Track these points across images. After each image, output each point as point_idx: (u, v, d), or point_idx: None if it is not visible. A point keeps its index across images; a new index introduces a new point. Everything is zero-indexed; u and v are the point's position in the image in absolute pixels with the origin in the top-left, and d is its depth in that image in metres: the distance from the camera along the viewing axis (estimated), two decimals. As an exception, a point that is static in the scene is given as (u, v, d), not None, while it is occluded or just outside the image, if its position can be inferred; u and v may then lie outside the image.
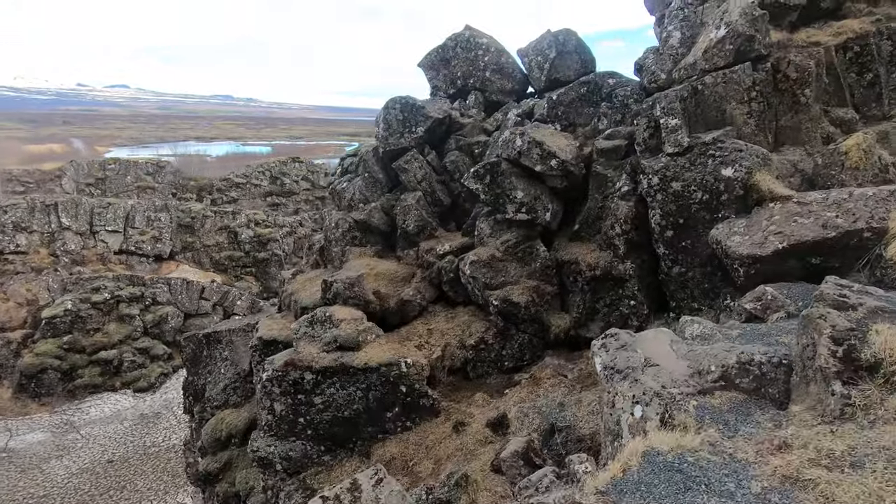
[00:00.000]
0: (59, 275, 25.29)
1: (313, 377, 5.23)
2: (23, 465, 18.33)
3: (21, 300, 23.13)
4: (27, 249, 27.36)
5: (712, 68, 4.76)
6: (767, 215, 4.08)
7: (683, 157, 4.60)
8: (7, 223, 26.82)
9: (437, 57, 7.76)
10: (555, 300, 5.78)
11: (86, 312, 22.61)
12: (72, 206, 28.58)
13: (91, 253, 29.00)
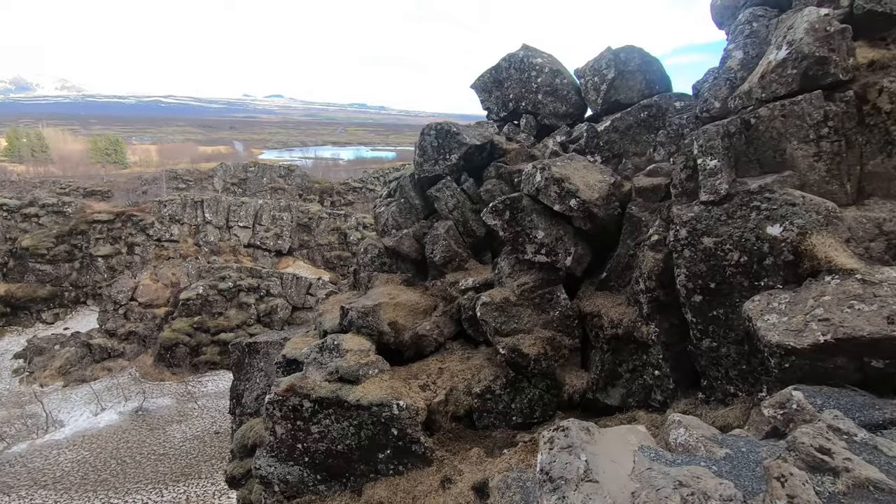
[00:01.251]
0: (198, 262, 29.32)
1: (311, 406, 5.24)
2: (151, 425, 21.48)
3: (167, 282, 27.25)
4: (178, 238, 32.14)
5: (770, 98, 3.81)
6: (816, 293, 3.13)
7: (720, 207, 3.75)
8: (165, 216, 31.77)
9: (489, 78, 7.41)
10: (573, 355, 5.12)
11: (213, 297, 25.89)
12: (214, 203, 32.93)
13: (226, 245, 33.18)
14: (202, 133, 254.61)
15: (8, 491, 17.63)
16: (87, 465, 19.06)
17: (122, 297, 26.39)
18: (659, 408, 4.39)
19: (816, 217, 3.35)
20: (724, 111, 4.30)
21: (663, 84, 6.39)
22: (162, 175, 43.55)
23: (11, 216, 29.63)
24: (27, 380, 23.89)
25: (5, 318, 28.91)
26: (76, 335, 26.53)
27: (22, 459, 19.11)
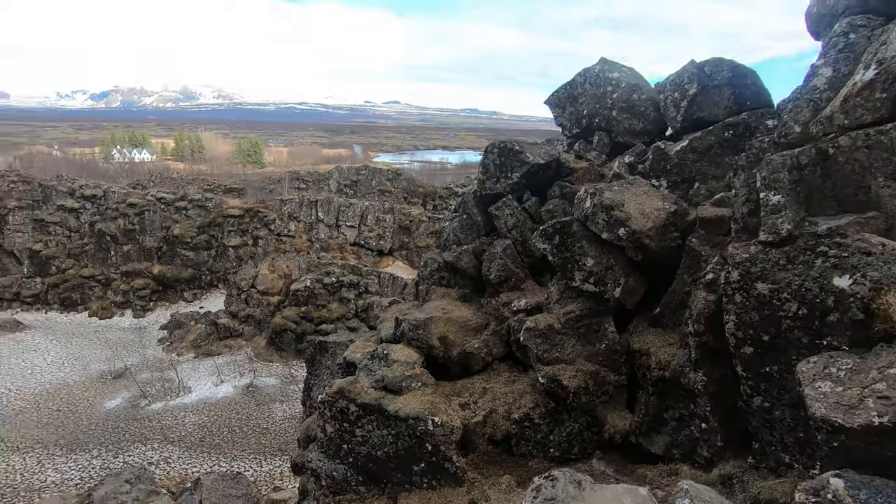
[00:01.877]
0: (309, 257, 32.10)
1: (357, 410, 5.53)
2: (258, 401, 23.95)
3: (282, 273, 30.22)
4: (294, 234, 35.46)
5: (853, 125, 3.25)
6: (884, 363, 2.63)
7: (780, 249, 3.29)
8: (285, 213, 35.23)
9: (564, 94, 7.17)
10: (619, 393, 4.79)
11: (318, 290, 28.16)
12: (326, 204, 35.80)
13: (334, 242, 35.89)
14: (327, 137, 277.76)
15: (145, 441, 20.74)
16: (205, 429, 21.77)
17: (245, 284, 29.81)
18: (704, 464, 3.96)
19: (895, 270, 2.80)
20: (805, 137, 3.75)
21: (759, 99, 5.70)
22: (286, 176, 48.29)
23: (167, 208, 34.93)
24: (168, 349, 28.00)
25: (157, 294, 34.16)
26: (207, 314, 30.49)
27: (157, 416, 22.40)
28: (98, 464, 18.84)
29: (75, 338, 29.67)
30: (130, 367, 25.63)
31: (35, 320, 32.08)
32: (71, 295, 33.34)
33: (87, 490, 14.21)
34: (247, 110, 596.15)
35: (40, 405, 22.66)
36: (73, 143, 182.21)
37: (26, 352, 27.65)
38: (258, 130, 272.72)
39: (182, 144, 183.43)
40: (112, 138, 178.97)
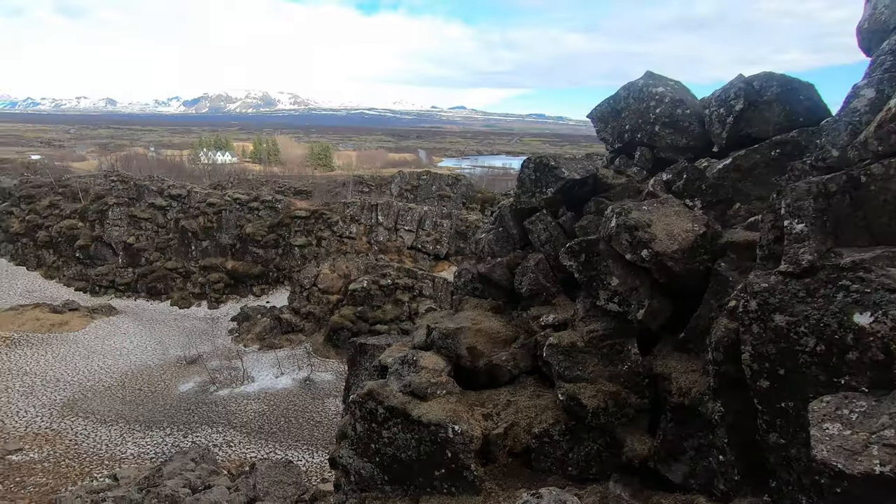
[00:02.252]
0: (367, 259, 33.23)
1: (384, 412, 5.79)
2: (314, 395, 25.09)
3: (341, 273, 31.50)
4: (355, 236, 36.84)
5: (888, 152, 3.06)
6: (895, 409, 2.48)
7: (800, 280, 3.15)
8: (347, 216, 36.70)
9: (607, 108, 7.09)
10: (640, 417, 4.69)
11: (374, 292, 29.07)
12: (386, 208, 36.91)
13: (392, 245, 36.90)
14: (393, 141, 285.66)
15: (211, 424, 22.33)
16: (265, 417, 23.10)
17: (307, 282, 31.37)
18: (721, 498, 3.83)
19: (923, 311, 2.63)
20: (843, 163, 3.56)
21: (813, 116, 5.38)
22: (350, 180, 50.22)
23: (241, 208, 37.50)
24: (236, 339, 30.00)
25: (230, 287, 36.71)
26: (272, 309, 32.37)
27: (223, 402, 24.05)
28: (170, 441, 20.53)
29: (157, 324, 32.51)
30: (202, 355, 27.71)
31: (126, 306, 35.48)
32: (156, 285, 36.61)
33: (158, 464, 15.59)
34: (320, 115, 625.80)
35: (125, 384, 25.06)
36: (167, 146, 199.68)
37: (117, 334, 30.67)
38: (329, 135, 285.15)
39: (260, 148, 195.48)
40: (200, 142, 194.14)
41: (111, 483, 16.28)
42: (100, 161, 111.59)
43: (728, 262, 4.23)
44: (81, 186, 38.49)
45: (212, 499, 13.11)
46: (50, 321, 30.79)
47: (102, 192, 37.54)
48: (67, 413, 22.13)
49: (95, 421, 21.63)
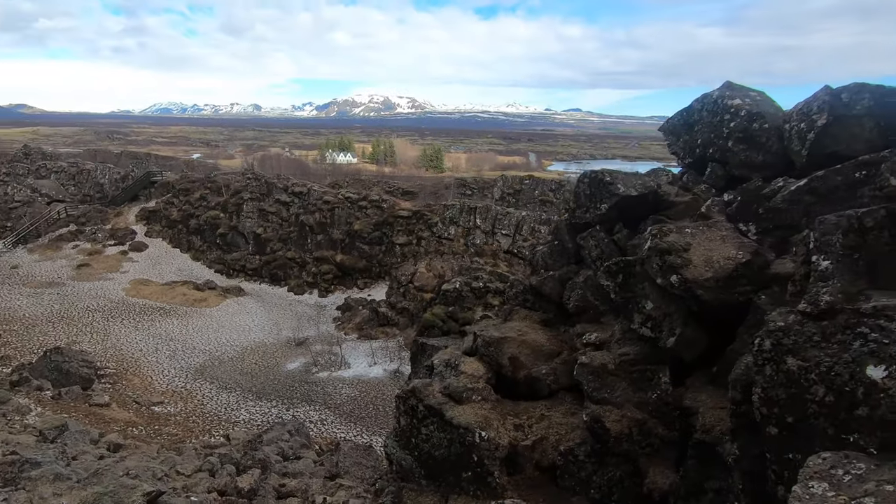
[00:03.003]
0: (463, 260, 33.93)
1: (423, 410, 6.14)
2: (401, 386, 26.36)
3: (436, 273, 32.57)
4: (453, 238, 37.79)
5: None
6: (886, 476, 2.23)
7: (816, 322, 2.88)
8: (447, 217, 37.79)
9: (679, 121, 6.68)
10: (666, 449, 4.47)
11: (466, 293, 29.63)
12: (484, 211, 37.33)
13: (489, 248, 37.22)
14: (503, 144, 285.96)
15: (309, 402, 24.51)
16: (356, 402, 24.81)
17: (404, 279, 32.93)
18: (734, 548, 3.57)
19: (943, 371, 2.31)
20: (900, 192, 3.15)
21: (919, 131, 4.67)
22: (452, 182, 51.50)
23: (352, 206, 40.45)
24: (338, 327, 32.50)
25: (338, 279, 39.80)
26: (372, 302, 34.50)
27: (322, 383, 26.27)
28: (274, 412, 22.96)
29: (275, 307, 36.37)
30: (308, 338, 30.48)
31: (252, 289, 40.16)
32: (277, 272, 40.96)
33: (260, 431, 17.61)
34: (435, 118, 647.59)
35: (244, 357, 28.47)
36: (299, 147, 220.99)
37: (242, 313, 34.89)
38: (442, 137, 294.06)
39: (378, 150, 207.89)
40: (326, 143, 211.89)
41: (223, 441, 18.63)
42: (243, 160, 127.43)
43: (769, 295, 3.89)
44: (224, 183, 44.46)
45: (298, 468, 14.55)
46: (193, 297, 36.00)
47: (240, 188, 42.97)
48: (198, 377, 25.78)
49: (218, 386, 24.92)
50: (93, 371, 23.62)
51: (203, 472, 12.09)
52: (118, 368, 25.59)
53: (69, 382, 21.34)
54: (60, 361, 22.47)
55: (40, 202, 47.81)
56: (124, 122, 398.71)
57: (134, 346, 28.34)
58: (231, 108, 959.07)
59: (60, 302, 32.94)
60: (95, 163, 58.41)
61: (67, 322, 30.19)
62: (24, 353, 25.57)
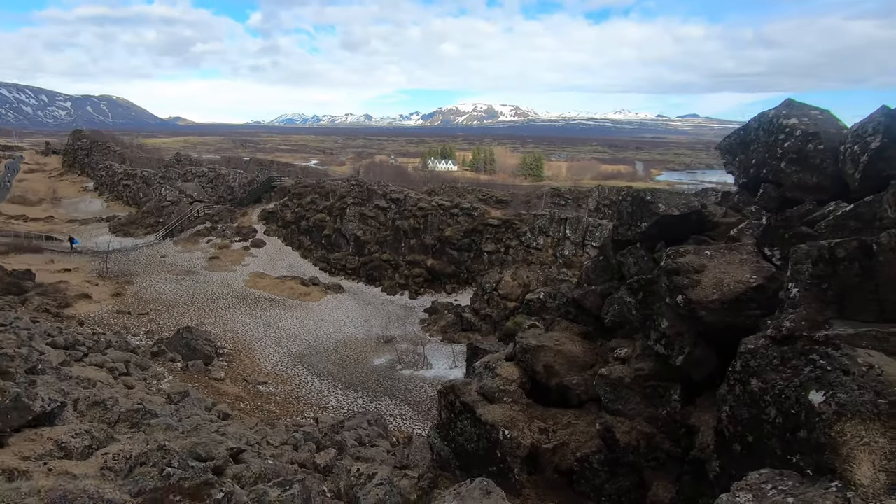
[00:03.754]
0: (550, 271, 33.61)
1: (460, 406, 6.70)
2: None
3: (521, 282, 32.67)
4: (542, 248, 37.55)
5: None
6: (799, 492, 2.39)
7: (779, 347, 2.99)
8: (536, 227, 37.68)
9: (736, 139, 6.50)
10: (672, 464, 4.55)
11: (549, 304, 29.37)
12: (575, 222, 36.63)
13: (577, 260, 36.40)
14: (609, 152, 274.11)
15: (391, 397, 25.99)
16: (434, 401, 25.81)
17: (489, 287, 33.45)
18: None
19: (869, 399, 2.42)
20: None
21: None
22: (545, 192, 50.97)
23: (444, 213, 41.92)
24: (424, 329, 33.91)
25: (427, 283, 41.44)
26: (457, 306, 35.48)
27: (404, 381, 27.68)
28: (359, 403, 24.72)
29: (369, 306, 38.87)
30: (395, 337, 32.21)
31: (350, 287, 43.27)
32: (373, 272, 43.71)
33: (343, 418, 19.22)
34: (538, 126, 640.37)
35: (338, 349, 30.90)
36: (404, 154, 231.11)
37: (339, 309, 37.80)
38: (544, 145, 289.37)
39: (478, 157, 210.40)
40: (429, 151, 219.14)
41: (311, 423, 20.56)
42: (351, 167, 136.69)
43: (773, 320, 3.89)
44: (331, 188, 48.50)
45: (371, 454, 15.73)
46: (299, 291, 39.77)
47: (344, 193, 46.61)
48: (297, 363, 28.53)
49: (313, 373, 27.39)
50: (213, 349, 27.27)
51: (288, 445, 13.69)
52: (233, 349, 29.20)
53: (195, 357, 24.91)
54: (190, 339, 26.29)
55: (185, 202, 55.87)
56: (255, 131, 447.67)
57: (247, 330, 32.10)
58: (345, 118, 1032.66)
59: (194, 288, 38.27)
60: (228, 168, 66.77)
61: (198, 306, 35.02)
62: (164, 329, 30.21)
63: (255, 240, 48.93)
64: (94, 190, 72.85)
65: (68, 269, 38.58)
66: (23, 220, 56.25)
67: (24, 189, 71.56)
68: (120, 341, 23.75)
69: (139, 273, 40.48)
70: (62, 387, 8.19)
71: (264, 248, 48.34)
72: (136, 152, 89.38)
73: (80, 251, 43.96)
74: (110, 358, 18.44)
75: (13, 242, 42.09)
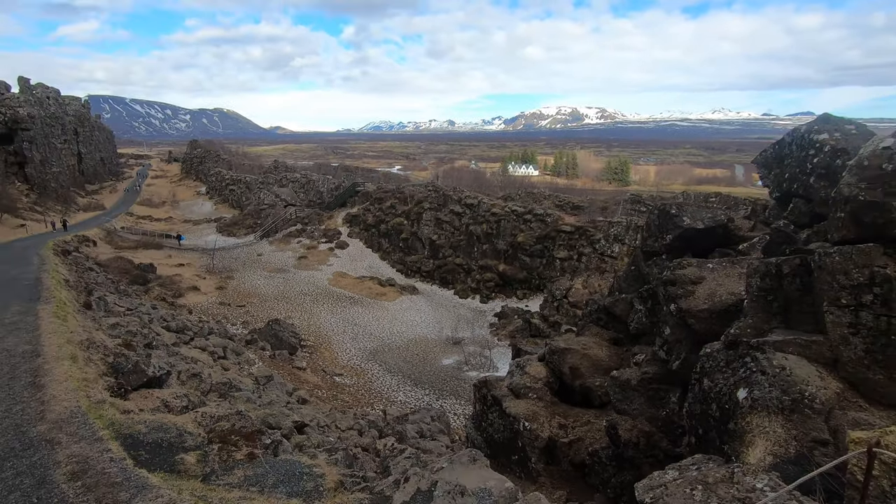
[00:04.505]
0: (623, 280, 32.74)
1: (491, 399, 7.34)
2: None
3: (592, 290, 32.11)
4: (617, 256, 36.55)
5: (836, 239, 2.95)
6: (706, 469, 2.83)
7: (727, 351, 3.38)
8: (611, 235, 36.76)
9: (772, 154, 6.49)
10: (668, 461, 4.86)
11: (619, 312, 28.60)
12: (653, 230, 35.30)
13: (655, 269, 35.06)
14: (704, 155, 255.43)
15: (457, 396, 26.82)
16: (497, 404, 26.20)
17: (559, 294, 33.24)
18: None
19: (776, 396, 2.81)
20: (850, 244, 3.37)
21: None
22: (624, 198, 49.24)
23: (517, 219, 42.19)
24: (492, 333, 34.45)
25: (498, 287, 41.92)
26: (527, 312, 35.60)
27: (470, 381, 28.38)
28: (426, 400, 25.84)
29: (440, 307, 40.13)
30: (464, 339, 33.07)
31: (424, 289, 44.89)
32: (447, 276, 45.01)
33: (409, 411, 20.39)
34: (626, 128, 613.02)
35: (409, 348, 32.37)
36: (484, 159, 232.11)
37: (413, 309, 39.44)
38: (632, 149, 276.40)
39: (560, 162, 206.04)
40: (509, 156, 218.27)
41: (380, 415, 21.96)
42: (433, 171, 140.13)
43: (757, 331, 4.15)
44: (409, 193, 50.67)
45: (428, 446, 16.67)
46: (376, 291, 42.04)
47: (421, 199, 48.51)
48: (371, 358, 30.35)
49: (385, 369, 29.01)
50: (298, 341, 29.85)
51: (353, 430, 15.00)
52: (315, 342, 31.70)
53: (281, 347, 27.49)
54: (278, 330, 29.04)
55: (280, 205, 61.11)
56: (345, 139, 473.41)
57: (328, 325, 34.63)
58: (429, 124, 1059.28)
59: (284, 284, 41.87)
60: (318, 174, 71.85)
61: (286, 301, 38.33)
62: (257, 320, 33.50)
63: (339, 241, 52.33)
64: (205, 194, 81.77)
65: (182, 263, 43.93)
66: (149, 220, 64.65)
67: (150, 193, 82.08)
68: (220, 329, 26.89)
69: (239, 269, 45.01)
70: (170, 360, 9.95)
71: (347, 250, 51.54)
72: (241, 160, 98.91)
73: (188, 248, 49.76)
74: (211, 343, 21.10)
75: (141, 239, 48.73)
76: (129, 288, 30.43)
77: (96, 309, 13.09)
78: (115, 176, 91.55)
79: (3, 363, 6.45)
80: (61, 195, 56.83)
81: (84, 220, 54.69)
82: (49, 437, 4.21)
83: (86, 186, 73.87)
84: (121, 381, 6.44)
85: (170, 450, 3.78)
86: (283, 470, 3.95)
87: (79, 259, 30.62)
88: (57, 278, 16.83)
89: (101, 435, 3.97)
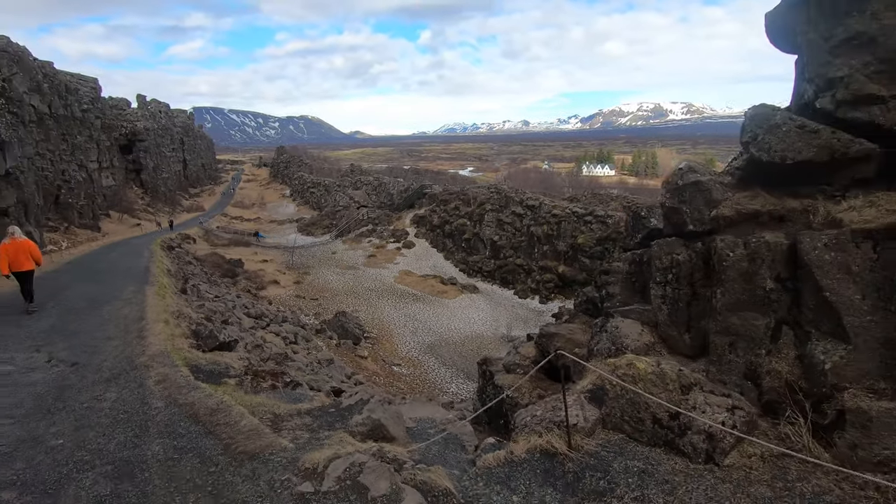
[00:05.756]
0: (684, 283, 31.85)
1: (489, 373, 8.56)
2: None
3: (651, 293, 31.68)
4: (681, 258, 35.57)
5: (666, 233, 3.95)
6: (550, 404, 3.99)
7: (602, 318, 4.48)
8: (675, 236, 35.83)
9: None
10: (604, 421, 5.88)
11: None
12: (720, 232, 33.94)
13: (722, 273, 33.67)
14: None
15: (506, 391, 27.75)
16: (546, 401, 26.94)
17: (616, 295, 33.11)
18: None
19: (605, 346, 3.92)
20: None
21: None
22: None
23: (577, 220, 42.19)
24: (547, 332, 35.01)
25: (558, 288, 42.19)
26: (583, 313, 35.72)
27: (521, 378, 29.21)
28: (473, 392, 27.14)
29: (499, 307, 41.19)
30: (518, 337, 33.93)
31: (484, 288, 46.17)
32: (507, 276, 45.95)
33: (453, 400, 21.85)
34: (714, 124, 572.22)
35: (464, 343, 33.83)
36: (559, 160, 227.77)
37: (472, 308, 40.86)
38: (720, 145, 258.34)
39: (638, 161, 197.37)
40: (584, 155, 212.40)
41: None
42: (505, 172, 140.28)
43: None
44: (473, 195, 52.20)
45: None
46: (438, 289, 43.98)
47: (483, 200, 49.84)
48: (428, 351, 32.16)
49: (440, 362, 30.68)
50: (362, 332, 32.39)
51: (397, 408, 16.63)
52: (378, 334, 34.12)
53: (346, 337, 30.08)
54: (344, 322, 31.73)
55: (353, 206, 65.24)
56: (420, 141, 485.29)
57: (391, 319, 37.00)
58: (503, 125, 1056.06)
59: (353, 281, 45.04)
60: (390, 177, 75.50)
61: (354, 296, 41.32)
62: (327, 312, 36.60)
63: (406, 241, 55.04)
64: (289, 196, 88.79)
65: (266, 260, 48.65)
66: (240, 220, 71.63)
67: (242, 195, 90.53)
68: (294, 318, 29.98)
69: (314, 266, 49.01)
70: (241, 335, 12.15)
71: (413, 249, 54.09)
72: (321, 164, 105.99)
73: (271, 245, 54.71)
74: (285, 329, 23.90)
75: (232, 238, 54.49)
76: (220, 280, 34.62)
77: (189, 294, 15.85)
78: (213, 180, 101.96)
79: (121, 323, 9.24)
80: (169, 198, 64.80)
81: (187, 220, 61.95)
82: (146, 364, 6.49)
83: (189, 190, 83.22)
84: (199, 342, 8.48)
85: (219, 375, 5.73)
86: (293, 396, 5.63)
87: (180, 254, 35.38)
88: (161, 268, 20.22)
89: (177, 363, 6.15)
